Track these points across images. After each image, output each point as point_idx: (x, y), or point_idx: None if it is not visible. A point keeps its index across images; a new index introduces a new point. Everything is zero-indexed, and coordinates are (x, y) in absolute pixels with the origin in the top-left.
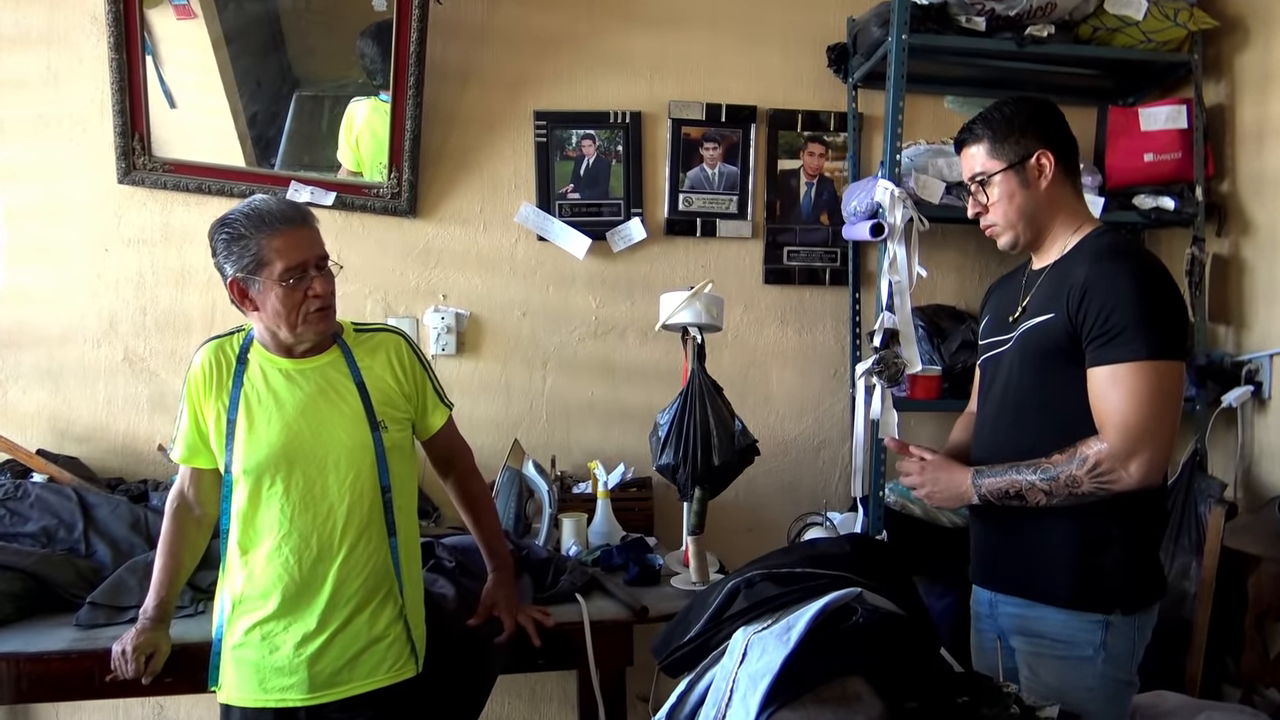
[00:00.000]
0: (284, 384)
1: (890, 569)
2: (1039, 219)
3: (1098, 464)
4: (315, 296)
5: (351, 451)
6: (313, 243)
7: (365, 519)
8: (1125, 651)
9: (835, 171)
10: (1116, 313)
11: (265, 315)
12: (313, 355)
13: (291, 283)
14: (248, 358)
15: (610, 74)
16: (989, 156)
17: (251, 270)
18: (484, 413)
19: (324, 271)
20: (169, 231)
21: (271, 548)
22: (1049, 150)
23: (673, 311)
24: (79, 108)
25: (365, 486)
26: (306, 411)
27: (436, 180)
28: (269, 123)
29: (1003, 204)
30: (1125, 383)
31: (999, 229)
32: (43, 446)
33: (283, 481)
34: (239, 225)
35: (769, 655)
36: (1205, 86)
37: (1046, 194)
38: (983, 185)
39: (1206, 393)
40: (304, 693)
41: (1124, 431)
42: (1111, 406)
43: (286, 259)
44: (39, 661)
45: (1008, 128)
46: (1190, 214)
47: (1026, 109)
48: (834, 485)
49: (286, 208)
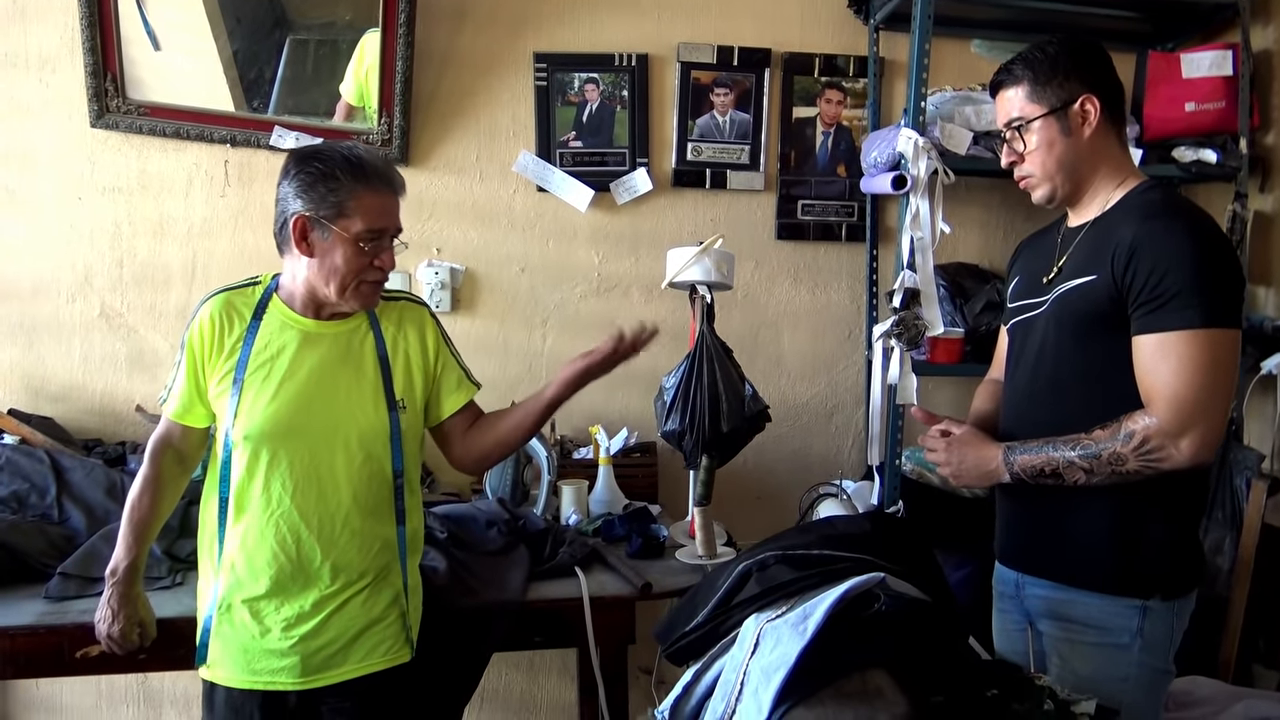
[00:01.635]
0: (300, 346)
1: (913, 550)
2: (1079, 170)
3: (1145, 440)
4: (378, 267)
5: (366, 432)
6: (397, 212)
7: (373, 504)
8: (1163, 639)
9: (854, 120)
10: (1169, 276)
11: (318, 267)
12: (339, 317)
13: (365, 246)
14: (263, 314)
15: (615, 13)
16: (1028, 100)
17: (329, 215)
18: (480, 373)
19: (392, 246)
20: (146, 179)
21: (266, 522)
22: (1094, 96)
23: (680, 269)
24: (47, 46)
25: (375, 470)
26: (321, 379)
27: (429, 126)
28: (252, 62)
29: (1040, 153)
30: (1177, 353)
31: (1035, 180)
32: (15, 406)
33: (286, 454)
34: (334, 164)
35: (784, 646)
36: (1253, 30)
37: (1089, 143)
38: (1019, 131)
39: (1245, 358)
40: (296, 676)
41: (1176, 406)
42: (1162, 379)
43: (370, 219)
44: (4, 637)
45: (1051, 69)
46: (1233, 168)
47: (1072, 50)
48: (847, 452)
49: (387, 168)
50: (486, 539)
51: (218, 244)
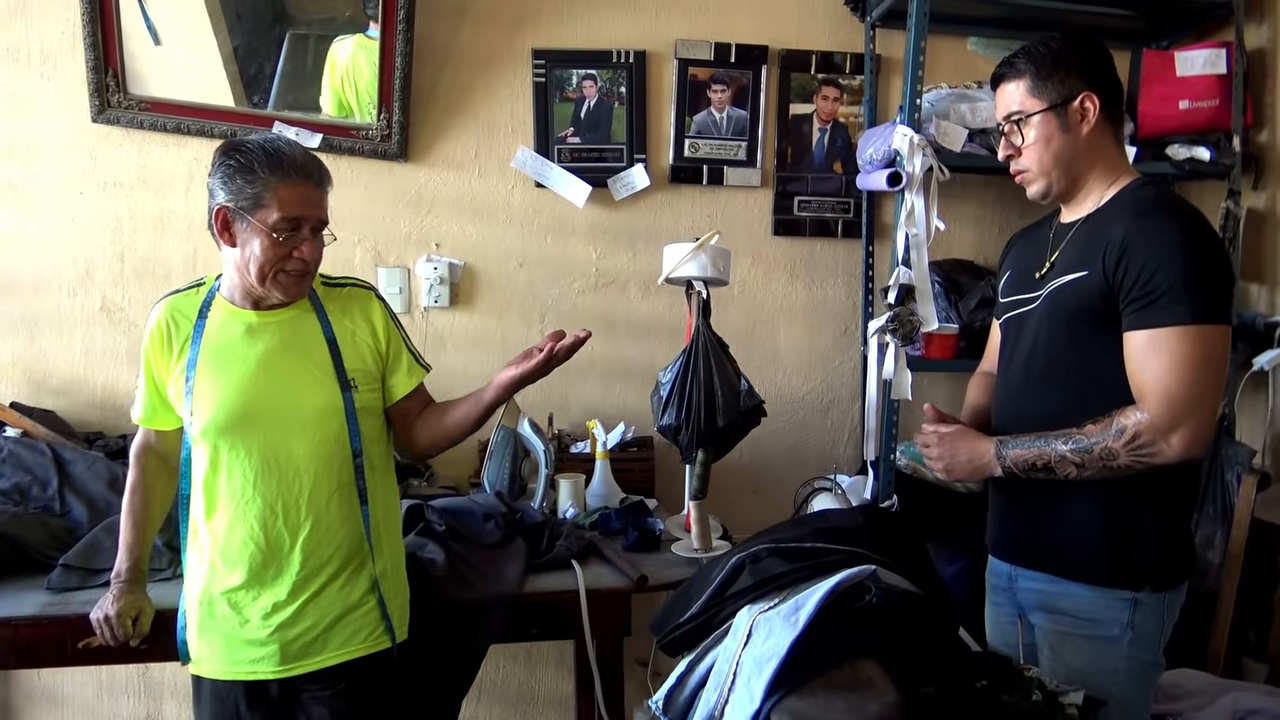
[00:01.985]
0: (245, 338)
1: (905, 543)
2: (1076, 167)
3: (1136, 435)
4: (298, 258)
5: (319, 412)
6: (317, 204)
7: (334, 484)
8: (1153, 632)
9: (850, 117)
10: (1161, 272)
11: (240, 256)
12: (280, 307)
13: (280, 237)
14: (208, 312)
15: (613, 10)
16: (1029, 95)
17: (246, 206)
18: (478, 368)
19: (317, 237)
20: (147, 174)
21: (235, 514)
22: (1094, 93)
23: (677, 264)
24: (49, 41)
25: (334, 449)
26: (269, 367)
27: (428, 122)
28: (252, 58)
29: (1038, 148)
30: (1168, 348)
31: (1031, 175)
32: (17, 399)
33: (243, 444)
34: (252, 158)
35: (776, 637)
36: (1246, 28)
37: (1087, 140)
38: (1018, 125)
39: (1237, 355)
40: (275, 665)
41: (1166, 401)
42: (1153, 375)
43: (285, 209)
44: (6, 627)
45: (1053, 65)
46: (1226, 165)
47: (1075, 46)
48: (842, 447)
49: (306, 160)
50: (484, 532)
51: None
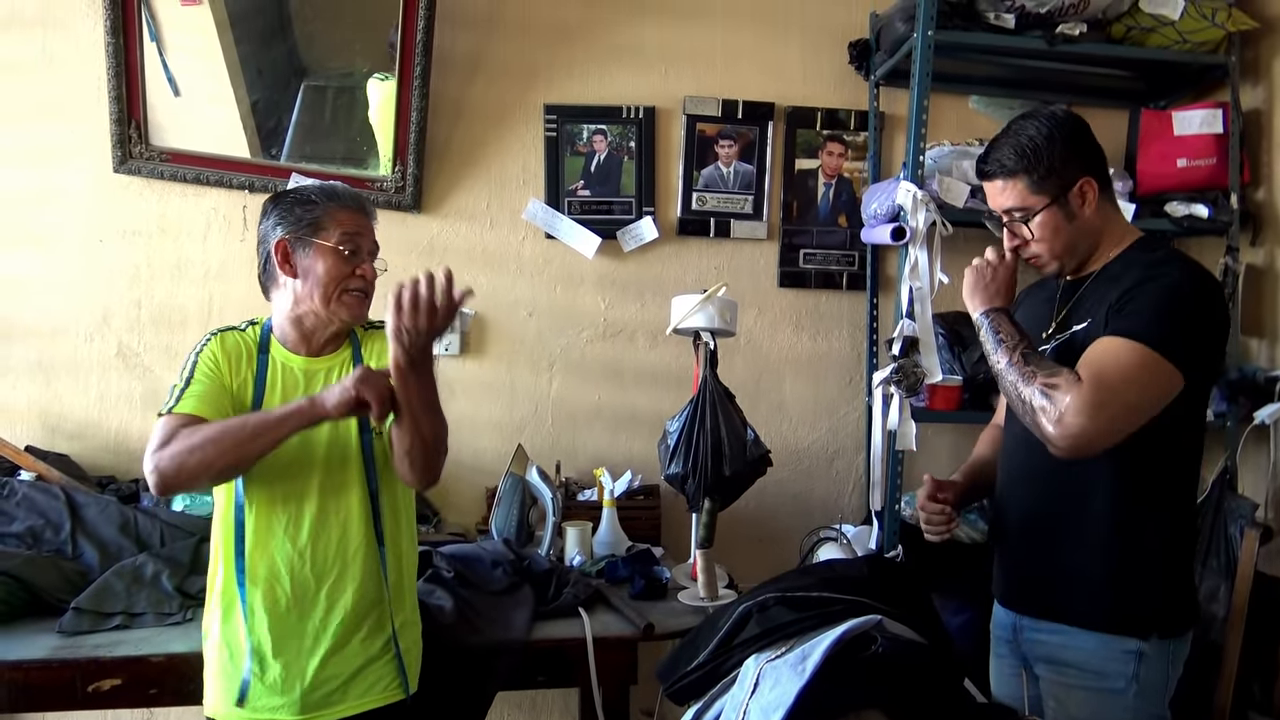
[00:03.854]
0: (295, 386)
1: (911, 593)
2: (1085, 244)
3: (1058, 386)
4: (360, 275)
5: (344, 458)
6: (370, 231)
7: (355, 529)
8: (1158, 683)
9: (855, 172)
10: (1139, 298)
11: (303, 283)
12: (327, 352)
13: (346, 251)
14: (268, 349)
15: (623, 67)
16: (1028, 192)
17: (308, 232)
18: (487, 415)
19: (373, 260)
20: (165, 223)
21: (262, 558)
22: (1090, 175)
23: (685, 315)
24: (75, 93)
25: (357, 495)
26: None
27: (442, 174)
28: (271, 111)
29: (1048, 239)
30: (1114, 351)
31: (1044, 260)
32: (32, 443)
33: (281, 491)
34: (308, 192)
35: (782, 686)
36: (1242, 90)
37: (1090, 220)
38: (1024, 222)
39: (1238, 408)
40: (294, 714)
41: (1096, 382)
42: (1095, 361)
43: (345, 227)
44: (18, 670)
45: (1046, 160)
46: (1224, 222)
47: (1062, 134)
48: (848, 497)
49: (357, 193)
50: (492, 579)
51: (234, 286)
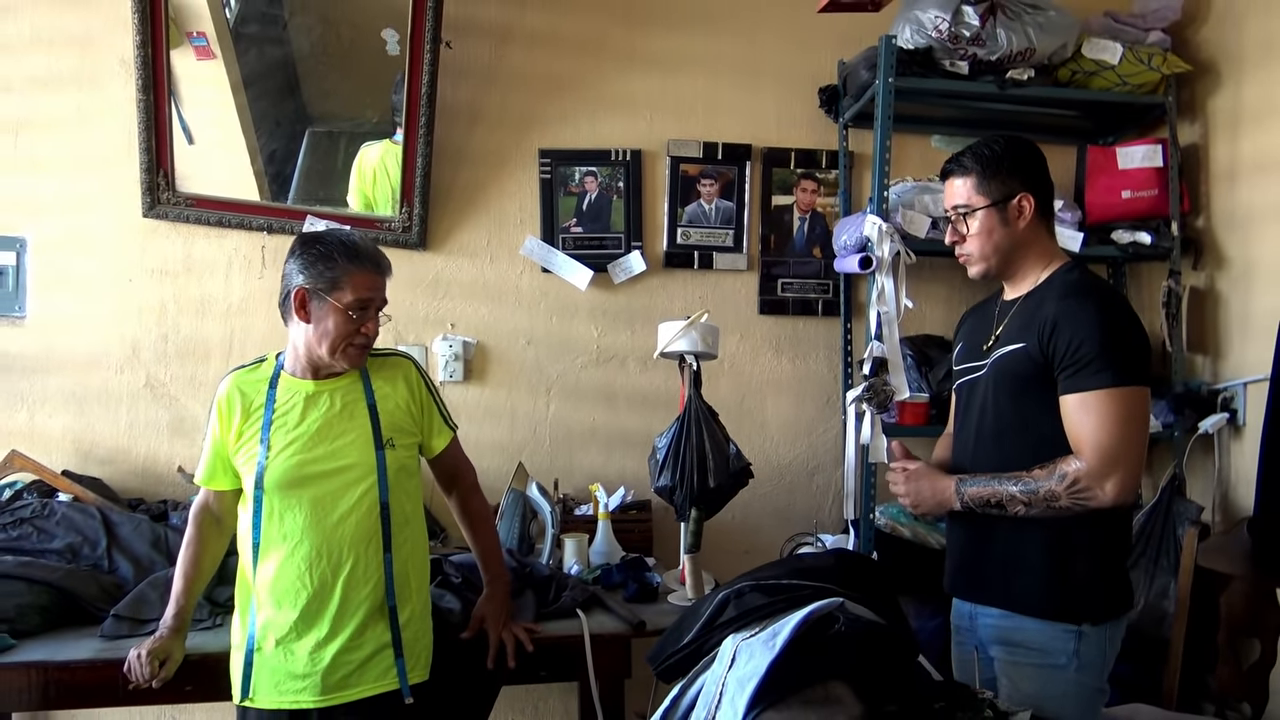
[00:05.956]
0: (306, 406)
1: (872, 581)
2: (1012, 255)
3: (1076, 481)
4: (364, 333)
5: (358, 468)
6: (382, 289)
7: (369, 532)
8: (1097, 660)
9: (827, 207)
10: (1084, 345)
11: (313, 332)
12: (335, 376)
13: (354, 315)
14: (278, 383)
15: (612, 114)
16: (974, 191)
17: (325, 288)
18: (489, 437)
19: (378, 316)
20: (190, 263)
21: (286, 558)
22: (1030, 194)
23: (670, 340)
24: (107, 146)
25: (370, 503)
26: (323, 431)
27: (446, 215)
28: (285, 160)
29: (980, 237)
30: (1096, 409)
31: (973, 259)
32: (68, 468)
33: (296, 496)
34: (333, 249)
35: (756, 660)
36: (1180, 127)
37: (1023, 233)
38: (965, 217)
39: (1184, 420)
40: (316, 695)
41: (1099, 452)
42: (1087, 430)
43: (359, 292)
44: (66, 670)
45: (995, 166)
46: (1167, 248)
47: (1014, 151)
48: (827, 509)
49: (375, 252)
50: None
51: (254, 321)
